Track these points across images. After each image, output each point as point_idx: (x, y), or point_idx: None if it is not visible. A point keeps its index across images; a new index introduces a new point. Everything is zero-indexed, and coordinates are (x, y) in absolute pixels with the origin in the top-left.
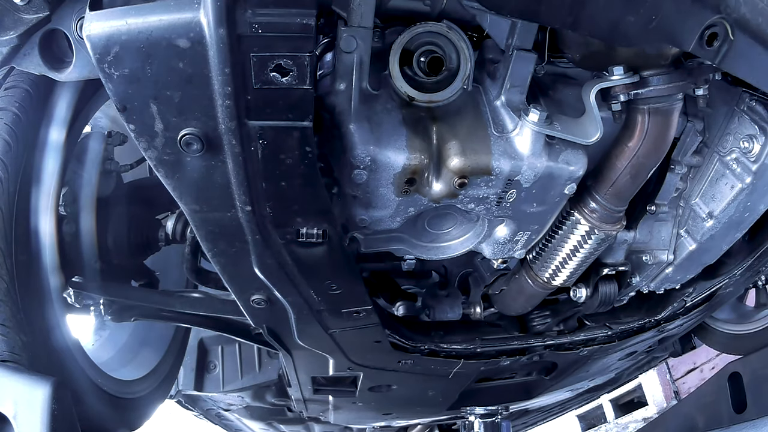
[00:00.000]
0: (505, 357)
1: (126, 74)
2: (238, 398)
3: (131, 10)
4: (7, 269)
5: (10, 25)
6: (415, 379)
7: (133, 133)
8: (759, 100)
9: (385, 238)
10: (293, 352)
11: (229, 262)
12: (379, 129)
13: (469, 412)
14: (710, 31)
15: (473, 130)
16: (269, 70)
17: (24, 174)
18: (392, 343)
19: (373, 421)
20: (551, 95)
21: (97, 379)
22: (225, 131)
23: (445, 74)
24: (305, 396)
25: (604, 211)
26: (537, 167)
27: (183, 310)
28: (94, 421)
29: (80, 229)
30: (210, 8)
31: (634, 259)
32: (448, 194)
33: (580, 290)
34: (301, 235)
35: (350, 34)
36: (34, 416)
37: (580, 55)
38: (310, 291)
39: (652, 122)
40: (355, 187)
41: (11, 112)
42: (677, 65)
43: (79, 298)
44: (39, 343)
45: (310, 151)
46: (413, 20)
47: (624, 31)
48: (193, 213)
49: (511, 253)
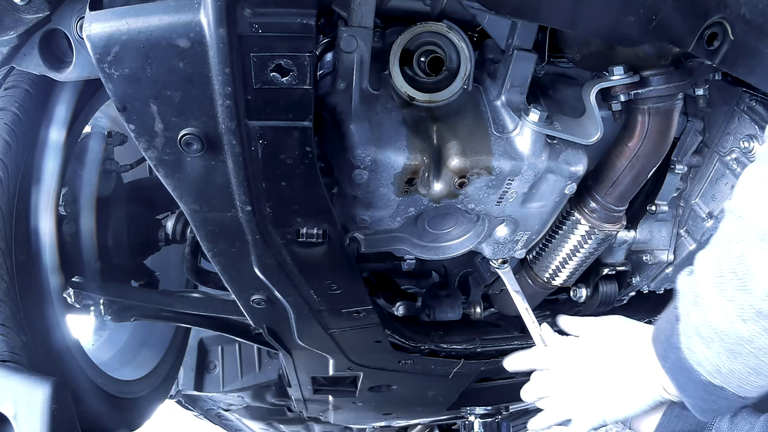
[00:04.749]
0: (505, 357)
1: (126, 74)
2: (238, 398)
3: (131, 10)
4: (7, 269)
5: (10, 25)
6: (415, 379)
7: (133, 133)
8: (759, 100)
9: (385, 238)
10: (293, 352)
11: (229, 262)
12: (380, 129)
13: (469, 412)
14: (710, 31)
15: (473, 130)
16: (269, 70)
17: (24, 174)
18: (392, 343)
19: (373, 421)
20: (551, 95)
21: (97, 379)
22: (225, 131)
23: (445, 74)
24: (305, 396)
25: (604, 211)
26: (537, 167)
27: (183, 310)
28: (94, 421)
29: (80, 229)
30: (210, 8)
31: (634, 259)
32: (448, 194)
33: (580, 290)
34: (301, 235)
35: (350, 34)
36: (34, 416)
37: (580, 55)
38: (310, 291)
39: (652, 122)
40: (356, 187)
41: (11, 112)
42: (677, 65)
43: (79, 298)
44: (39, 343)
45: (310, 151)
46: (413, 20)
47: (624, 31)
48: (193, 213)
49: (511, 253)
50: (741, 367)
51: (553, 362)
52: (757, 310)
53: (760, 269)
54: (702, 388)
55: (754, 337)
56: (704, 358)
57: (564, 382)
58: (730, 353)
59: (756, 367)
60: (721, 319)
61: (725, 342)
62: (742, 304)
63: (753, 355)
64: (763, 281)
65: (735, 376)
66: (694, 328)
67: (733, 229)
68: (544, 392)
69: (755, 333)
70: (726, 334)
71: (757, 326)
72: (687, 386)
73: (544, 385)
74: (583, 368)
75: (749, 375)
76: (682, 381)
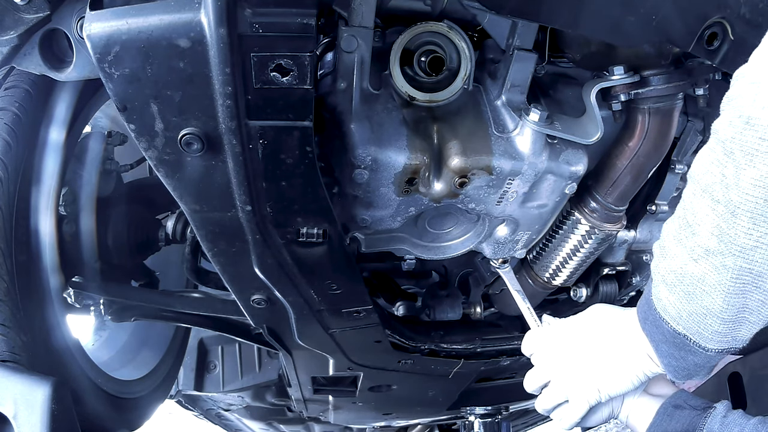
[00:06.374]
0: (505, 357)
1: (126, 74)
2: (238, 398)
3: (131, 10)
4: (7, 269)
5: (10, 25)
6: (415, 379)
7: (133, 133)
8: None
9: (385, 238)
10: (293, 352)
11: (229, 262)
12: (380, 129)
13: (469, 412)
14: (710, 31)
15: (474, 130)
16: (270, 70)
17: (24, 174)
18: (392, 343)
19: (373, 421)
20: (552, 95)
21: (97, 379)
22: (225, 131)
23: (446, 74)
24: (305, 396)
25: (604, 211)
26: (538, 167)
27: (183, 310)
28: (94, 421)
29: (80, 229)
30: (210, 8)
31: (635, 259)
32: (448, 194)
33: (581, 290)
34: (302, 235)
35: (351, 33)
36: (34, 416)
37: (580, 55)
38: (310, 291)
39: (652, 122)
40: (356, 187)
41: (11, 112)
42: (677, 65)
43: (79, 298)
44: (39, 343)
45: (310, 151)
46: (414, 20)
47: (624, 31)
48: (193, 213)
49: (511, 253)
50: (697, 308)
51: (545, 345)
52: (704, 248)
53: (704, 214)
54: (671, 340)
55: (705, 275)
56: (669, 303)
57: (556, 364)
58: (687, 295)
59: (709, 307)
60: (679, 263)
61: (683, 284)
62: (693, 246)
63: (706, 294)
64: (706, 224)
65: (693, 319)
66: (661, 277)
67: (688, 189)
68: (543, 379)
69: (706, 271)
70: (683, 275)
71: (706, 263)
72: (661, 345)
73: (541, 372)
74: (574, 348)
75: (705, 316)
76: (656, 337)
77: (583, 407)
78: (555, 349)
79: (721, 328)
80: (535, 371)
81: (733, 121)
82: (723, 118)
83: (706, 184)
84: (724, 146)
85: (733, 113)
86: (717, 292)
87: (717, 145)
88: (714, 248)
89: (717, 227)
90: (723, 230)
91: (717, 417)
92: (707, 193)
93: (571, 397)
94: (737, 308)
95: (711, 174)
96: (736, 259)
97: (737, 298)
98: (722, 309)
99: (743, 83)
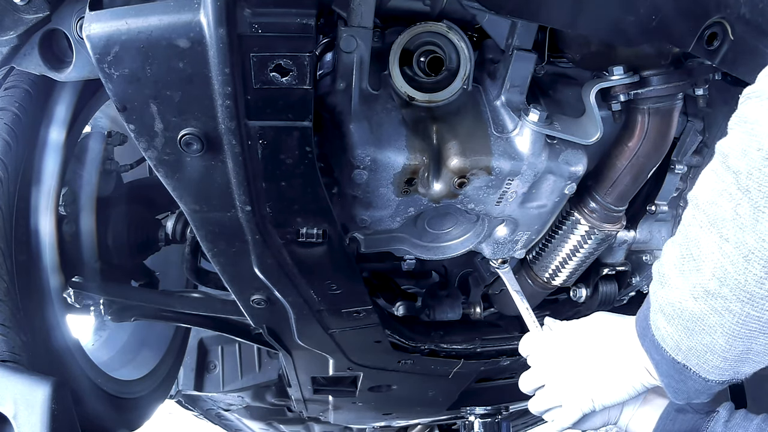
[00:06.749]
0: (505, 357)
1: (126, 74)
2: (238, 398)
3: (131, 10)
4: (7, 269)
5: (10, 25)
6: (415, 379)
7: (133, 133)
8: None
9: (385, 238)
10: (293, 352)
11: (229, 262)
12: (379, 129)
13: (469, 412)
14: (710, 31)
15: (473, 130)
16: (269, 70)
17: (24, 174)
18: (392, 343)
19: (373, 421)
20: (551, 95)
21: (97, 379)
22: (225, 131)
23: (445, 74)
24: (305, 396)
25: (604, 211)
26: (537, 167)
27: (183, 310)
28: (94, 421)
29: (80, 229)
30: (210, 8)
31: (634, 259)
32: (447, 194)
33: (580, 290)
34: (301, 235)
35: (350, 34)
36: (34, 416)
37: (580, 55)
38: (310, 291)
39: (652, 122)
40: (356, 187)
41: (11, 112)
42: (677, 65)
43: (79, 298)
44: (39, 343)
45: (309, 151)
46: (413, 20)
47: (624, 31)
48: (193, 213)
49: (511, 253)
50: (697, 344)
51: (543, 348)
52: (705, 289)
53: (709, 251)
54: (671, 365)
55: (704, 315)
56: (667, 335)
57: (553, 368)
58: (686, 330)
59: (709, 345)
60: (678, 297)
61: (682, 319)
62: (695, 283)
63: (706, 333)
64: (710, 262)
65: (693, 353)
66: (659, 306)
67: (690, 215)
68: (538, 382)
69: (705, 311)
70: (682, 311)
71: (705, 305)
72: (660, 364)
73: (537, 374)
74: (572, 354)
75: (705, 353)
76: (656, 358)
77: (575, 414)
78: (553, 353)
79: (723, 364)
80: (530, 373)
81: (750, 152)
82: (734, 144)
83: (715, 217)
84: (738, 180)
85: (748, 143)
86: (719, 334)
87: (727, 174)
88: (715, 291)
89: (722, 269)
90: (729, 274)
91: (720, 420)
92: (715, 228)
93: (565, 404)
94: (741, 350)
95: (720, 208)
96: (744, 306)
97: (742, 341)
98: (725, 349)
99: (760, 107)
